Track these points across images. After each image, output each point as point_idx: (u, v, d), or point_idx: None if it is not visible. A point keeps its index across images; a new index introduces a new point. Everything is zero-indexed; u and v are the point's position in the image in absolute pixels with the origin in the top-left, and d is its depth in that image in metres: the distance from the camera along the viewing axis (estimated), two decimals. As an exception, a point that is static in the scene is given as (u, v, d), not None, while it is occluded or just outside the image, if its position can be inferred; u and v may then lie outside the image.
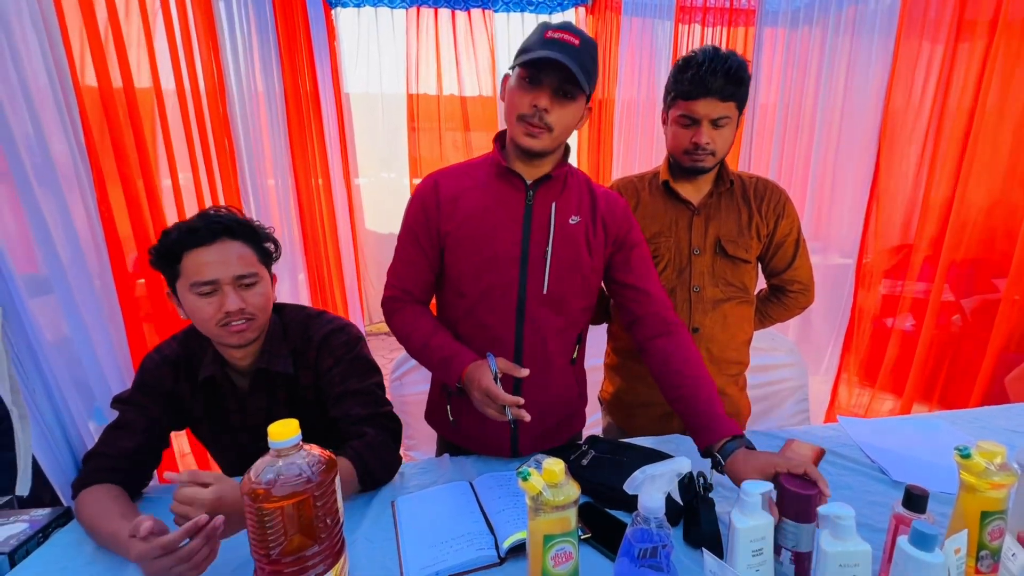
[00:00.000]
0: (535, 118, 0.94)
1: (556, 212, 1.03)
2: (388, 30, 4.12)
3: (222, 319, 0.93)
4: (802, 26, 2.68)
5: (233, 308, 0.93)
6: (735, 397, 1.33)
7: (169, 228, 0.96)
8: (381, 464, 1.01)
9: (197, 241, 0.92)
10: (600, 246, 1.07)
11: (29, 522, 0.93)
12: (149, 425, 0.99)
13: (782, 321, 1.39)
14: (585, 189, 1.09)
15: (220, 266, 0.93)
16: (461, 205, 1.03)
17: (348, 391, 1.04)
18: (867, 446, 1.20)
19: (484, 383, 0.92)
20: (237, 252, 0.95)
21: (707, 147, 1.13)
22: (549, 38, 0.92)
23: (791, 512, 0.75)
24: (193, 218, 0.96)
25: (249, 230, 0.99)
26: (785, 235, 1.25)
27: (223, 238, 0.94)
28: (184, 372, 1.03)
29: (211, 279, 0.92)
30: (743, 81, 1.10)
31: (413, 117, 4.22)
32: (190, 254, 0.92)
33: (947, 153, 2.12)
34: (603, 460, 1.03)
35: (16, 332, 0.86)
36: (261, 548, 0.64)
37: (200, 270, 0.92)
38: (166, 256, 0.93)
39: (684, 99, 1.13)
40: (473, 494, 1.00)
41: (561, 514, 0.68)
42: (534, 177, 1.02)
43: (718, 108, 1.10)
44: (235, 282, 0.94)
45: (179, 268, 0.93)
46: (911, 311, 2.35)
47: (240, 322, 0.95)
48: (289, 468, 0.65)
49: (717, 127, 1.12)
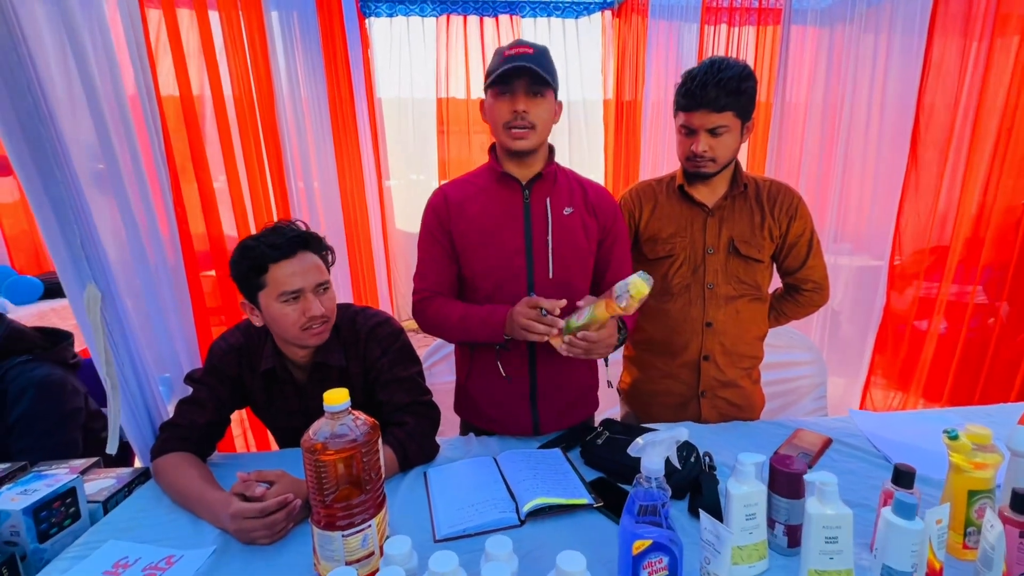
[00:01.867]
0: (517, 120, 1.08)
1: (551, 205, 1.17)
2: (419, 37, 4.27)
3: (305, 323, 1.05)
4: (832, 24, 2.68)
5: (318, 313, 1.05)
6: (748, 389, 1.39)
7: (247, 244, 1.05)
8: (420, 451, 1.12)
9: (282, 254, 1.03)
10: (594, 231, 1.21)
11: (116, 478, 1.08)
12: (218, 404, 1.12)
13: (797, 319, 1.44)
14: (575, 183, 1.23)
15: (302, 276, 1.04)
16: (467, 209, 1.18)
17: (395, 378, 1.16)
18: (874, 436, 1.25)
19: (522, 301, 1.05)
20: (314, 262, 1.07)
21: (705, 155, 1.21)
22: (508, 55, 1.08)
23: (784, 489, 0.83)
24: (268, 233, 1.06)
25: (318, 241, 1.10)
26: (798, 236, 1.31)
27: (301, 250, 1.06)
28: (246, 360, 1.15)
29: (298, 288, 1.03)
30: (740, 91, 1.16)
31: (443, 121, 4.36)
32: (276, 267, 1.03)
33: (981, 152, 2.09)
34: (616, 440, 1.12)
35: (111, 315, 1.00)
36: (318, 495, 0.76)
37: (288, 281, 1.03)
38: (252, 269, 1.04)
39: (682, 111, 1.22)
40: (496, 467, 1.10)
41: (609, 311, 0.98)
42: (527, 177, 1.17)
43: (712, 119, 1.17)
44: (316, 289, 1.06)
45: (264, 280, 1.04)
46: (945, 314, 2.31)
47: (319, 325, 1.07)
48: (341, 428, 0.77)
49: (715, 135, 1.19)
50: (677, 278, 1.32)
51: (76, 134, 0.95)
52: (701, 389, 1.35)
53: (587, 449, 1.12)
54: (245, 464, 1.19)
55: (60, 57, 0.93)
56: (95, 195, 0.95)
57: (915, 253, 2.34)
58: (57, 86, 0.92)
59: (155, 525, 0.96)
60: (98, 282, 0.96)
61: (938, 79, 2.18)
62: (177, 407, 1.12)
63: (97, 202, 0.96)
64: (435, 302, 1.21)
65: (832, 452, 1.20)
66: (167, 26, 1.33)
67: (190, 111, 1.39)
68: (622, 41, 4.01)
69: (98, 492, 1.03)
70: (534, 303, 1.03)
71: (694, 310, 1.31)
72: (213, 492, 0.95)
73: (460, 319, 1.15)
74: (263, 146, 1.84)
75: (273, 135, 1.99)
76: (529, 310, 1.03)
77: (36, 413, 1.21)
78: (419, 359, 1.24)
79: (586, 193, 1.22)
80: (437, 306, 1.20)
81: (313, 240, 1.09)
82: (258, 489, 0.89)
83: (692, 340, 1.32)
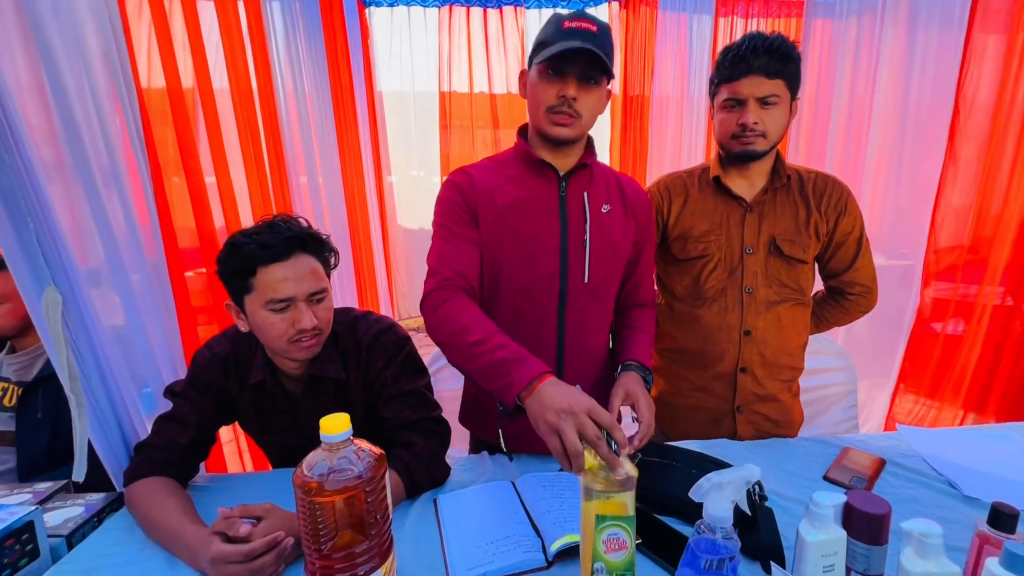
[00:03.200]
0: (564, 107, 0.94)
1: (589, 201, 1.03)
2: (420, 28, 4.15)
3: (294, 335, 0.92)
4: (859, 14, 2.55)
5: (308, 326, 0.92)
6: (788, 404, 1.27)
7: (236, 240, 0.92)
8: (429, 475, 1.00)
9: (273, 256, 0.90)
10: (632, 234, 1.08)
11: (85, 506, 0.95)
12: (201, 420, 1.00)
13: (840, 325, 1.32)
14: (612, 179, 1.10)
15: (295, 283, 0.91)
16: (496, 198, 1.02)
17: (400, 392, 1.03)
18: (931, 457, 1.13)
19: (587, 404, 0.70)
20: (310, 267, 0.94)
21: (756, 128, 1.07)
22: (568, 28, 0.92)
23: (863, 534, 0.70)
24: (262, 229, 0.92)
25: (318, 242, 0.97)
26: (846, 234, 1.18)
27: (297, 252, 0.92)
28: (234, 371, 1.03)
29: (288, 296, 0.90)
30: (790, 58, 1.05)
31: (445, 115, 4.25)
32: (265, 270, 0.90)
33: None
34: (651, 464, 1.00)
35: (75, 321, 0.88)
36: (312, 542, 0.63)
37: (277, 287, 0.90)
38: (239, 270, 0.91)
39: (727, 82, 1.09)
40: (516, 494, 0.98)
41: (616, 496, 0.64)
42: (565, 168, 1.03)
43: (764, 85, 1.05)
44: (309, 298, 0.93)
45: (252, 283, 0.91)
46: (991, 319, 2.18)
47: (309, 338, 0.94)
48: (341, 462, 0.64)
49: (765, 106, 1.07)
50: (711, 281, 1.19)
51: (37, 121, 0.84)
52: (737, 404, 1.23)
53: (617, 474, 1.00)
54: (234, 486, 1.07)
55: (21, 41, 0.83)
56: (56, 187, 0.83)
57: (952, 252, 2.22)
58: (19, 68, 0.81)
59: (127, 563, 0.83)
60: (59, 283, 0.83)
61: (979, 72, 2.06)
62: (155, 425, 0.99)
63: (59, 194, 0.83)
64: (455, 301, 0.91)
65: (888, 475, 1.08)
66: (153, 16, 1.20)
67: (179, 103, 1.26)
68: (630, 34, 3.90)
69: (62, 524, 0.90)
70: (598, 417, 0.69)
71: (731, 317, 1.18)
72: (192, 528, 0.83)
73: (473, 344, 0.84)
74: (262, 139, 1.71)
75: (274, 128, 1.87)
76: (588, 419, 0.68)
77: None
78: (426, 369, 1.11)
79: (623, 190, 1.09)
80: (455, 308, 0.90)
81: (313, 241, 0.96)
82: (242, 528, 0.76)
83: (728, 350, 1.20)
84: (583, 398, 0.71)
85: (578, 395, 0.72)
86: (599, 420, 0.68)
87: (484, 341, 0.83)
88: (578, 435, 0.67)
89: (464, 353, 0.85)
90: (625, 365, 1.01)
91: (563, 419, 0.68)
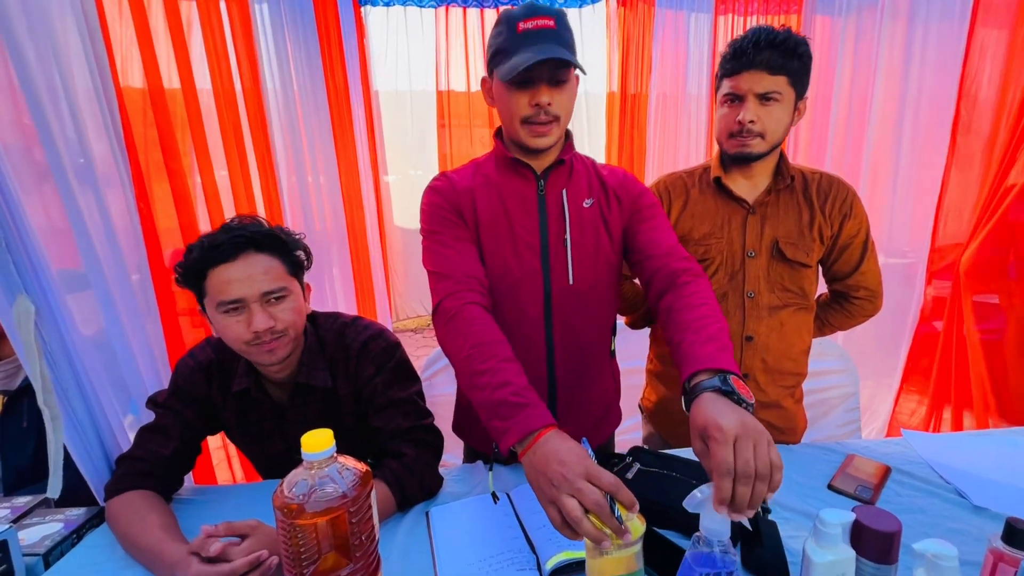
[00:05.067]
0: (540, 115, 0.89)
1: (568, 198, 0.99)
2: (417, 28, 4.12)
3: (251, 339, 0.89)
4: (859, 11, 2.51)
5: (262, 327, 0.88)
6: (791, 410, 1.23)
7: (193, 243, 0.90)
8: (420, 487, 0.96)
9: (220, 257, 0.87)
10: (618, 222, 1.02)
11: (64, 522, 0.92)
12: (184, 431, 0.97)
13: (844, 330, 1.29)
14: (592, 171, 1.05)
15: (246, 283, 0.87)
16: (476, 201, 0.99)
17: (391, 401, 1.00)
18: (938, 464, 1.10)
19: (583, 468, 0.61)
20: (263, 266, 0.90)
21: (753, 127, 1.03)
22: (524, 31, 0.86)
23: (872, 552, 0.67)
24: (216, 231, 0.91)
25: (276, 241, 0.93)
26: (851, 236, 1.15)
27: (248, 251, 0.89)
28: (217, 380, 1.00)
29: (237, 297, 0.87)
30: (796, 54, 1.00)
31: (443, 114, 4.22)
32: (214, 271, 0.87)
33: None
34: (649, 474, 0.96)
35: (50, 329, 0.84)
36: (294, 567, 0.60)
37: (225, 288, 0.87)
38: (192, 274, 0.89)
39: (729, 76, 1.05)
40: (511, 506, 0.94)
41: (627, 552, 0.60)
42: (543, 166, 0.99)
43: (764, 81, 1.01)
44: (262, 299, 0.89)
45: (204, 286, 0.89)
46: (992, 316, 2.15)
47: (271, 340, 0.90)
48: (323, 482, 0.61)
49: (766, 103, 1.03)
50: (712, 285, 1.15)
51: (7, 121, 0.80)
52: (739, 410, 1.19)
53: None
54: (221, 499, 1.03)
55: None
56: (29, 189, 0.79)
57: (955, 249, 2.19)
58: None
59: (105, 584, 0.80)
60: (31, 291, 0.80)
61: (983, 66, 2.02)
62: (137, 436, 0.96)
63: (32, 198, 0.80)
64: (466, 313, 0.83)
65: (893, 484, 1.04)
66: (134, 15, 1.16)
67: (160, 103, 1.22)
68: (627, 32, 3.87)
69: (39, 541, 0.86)
70: (599, 481, 0.61)
71: (732, 322, 1.15)
72: (172, 546, 0.79)
73: (478, 375, 0.75)
74: (246, 140, 1.68)
75: (261, 128, 1.83)
76: (587, 485, 0.60)
77: None
78: (418, 376, 1.08)
79: (604, 180, 1.04)
80: (466, 323, 0.83)
81: (267, 240, 0.91)
82: (212, 548, 0.71)
83: (729, 355, 1.16)
84: (581, 461, 0.62)
85: (577, 456, 0.63)
86: (600, 484, 0.60)
87: (489, 372, 0.74)
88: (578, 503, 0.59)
89: (468, 381, 0.78)
90: (693, 388, 0.70)
91: (559, 489, 0.60)
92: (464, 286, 0.88)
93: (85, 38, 0.97)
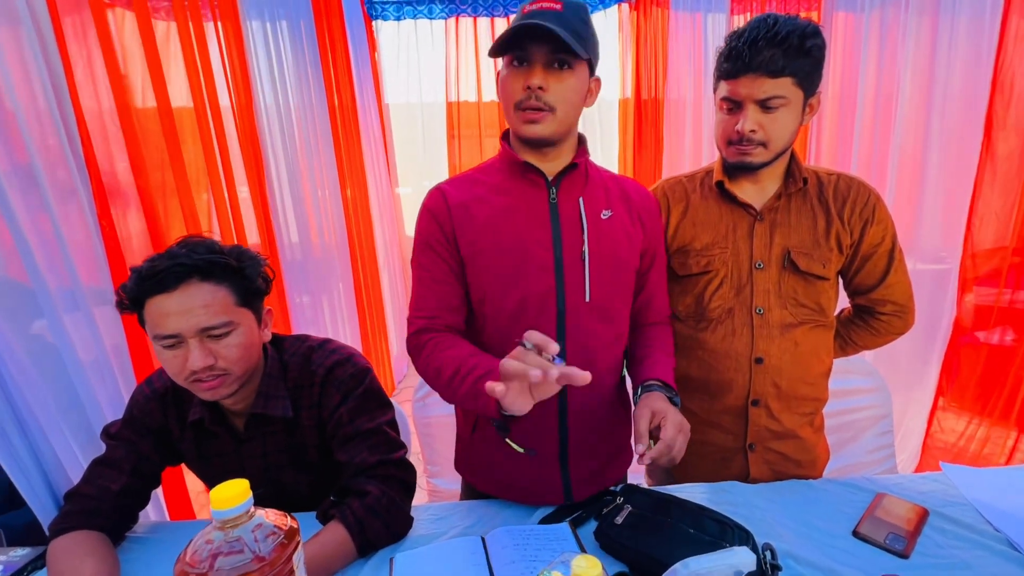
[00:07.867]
0: (531, 100, 0.82)
1: (585, 207, 0.90)
2: (427, 40, 4.14)
3: (189, 376, 0.81)
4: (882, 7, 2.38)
5: (198, 366, 0.79)
6: (810, 440, 1.10)
7: (136, 266, 0.82)
8: (385, 530, 0.87)
9: (157, 287, 0.78)
10: (639, 243, 0.95)
11: (4, 564, 0.85)
12: (137, 464, 0.90)
13: (870, 349, 1.15)
14: (610, 181, 0.97)
15: (183, 317, 0.78)
16: (475, 214, 0.90)
17: (357, 432, 0.91)
18: (986, 506, 0.95)
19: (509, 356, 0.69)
20: (204, 299, 0.80)
21: (753, 136, 0.92)
22: (528, 11, 0.82)
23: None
24: (160, 254, 0.82)
25: (225, 268, 0.83)
26: (875, 245, 1.02)
27: (189, 281, 0.79)
28: (174, 409, 0.93)
29: (173, 333, 0.79)
30: (803, 51, 0.88)
31: (453, 125, 4.21)
32: (151, 301, 0.79)
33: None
34: (642, 519, 0.85)
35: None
36: (198, 644, 0.52)
37: (160, 322, 0.79)
38: (132, 301, 0.81)
39: (725, 78, 0.94)
40: (483, 552, 0.84)
41: None
42: (554, 171, 0.90)
43: (765, 86, 0.89)
44: (201, 334, 0.80)
45: (143, 315, 0.81)
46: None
47: (211, 379, 0.82)
48: (235, 544, 0.52)
49: (767, 110, 0.91)
50: (716, 301, 1.04)
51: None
52: (749, 441, 1.07)
53: (603, 530, 0.86)
54: (179, 536, 0.95)
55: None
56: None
57: (994, 255, 2.01)
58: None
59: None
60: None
61: (1017, 56, 1.87)
62: (88, 470, 0.90)
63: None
64: (432, 343, 0.89)
65: (931, 530, 0.90)
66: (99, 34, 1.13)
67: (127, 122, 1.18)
68: (641, 36, 3.79)
69: (-28, 586, 0.80)
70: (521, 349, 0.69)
71: (739, 342, 1.03)
72: None
73: (449, 380, 0.81)
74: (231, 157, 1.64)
75: (253, 146, 1.80)
76: (513, 358, 0.68)
77: None
78: (391, 404, 0.99)
79: (626, 193, 0.95)
80: (431, 351, 0.88)
81: (213, 267, 0.81)
82: None
83: (737, 380, 1.04)
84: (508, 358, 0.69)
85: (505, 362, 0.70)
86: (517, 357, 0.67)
87: (458, 371, 0.80)
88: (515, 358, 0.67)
89: (446, 392, 0.85)
90: (646, 386, 0.90)
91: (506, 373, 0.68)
92: (430, 323, 0.92)
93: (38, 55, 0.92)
